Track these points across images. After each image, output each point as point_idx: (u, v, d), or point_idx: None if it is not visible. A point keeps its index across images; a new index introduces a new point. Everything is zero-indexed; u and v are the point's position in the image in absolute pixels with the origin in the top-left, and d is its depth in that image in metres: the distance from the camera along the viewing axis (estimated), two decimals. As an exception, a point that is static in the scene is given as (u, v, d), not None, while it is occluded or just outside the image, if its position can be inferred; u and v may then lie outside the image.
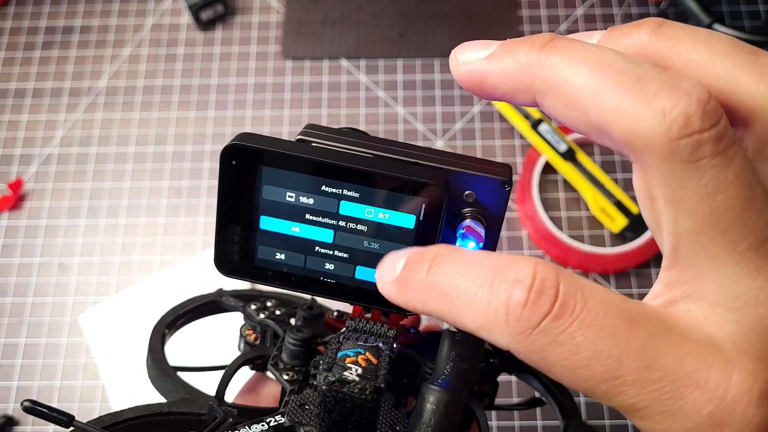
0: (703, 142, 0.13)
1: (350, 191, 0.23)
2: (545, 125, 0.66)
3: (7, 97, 0.74)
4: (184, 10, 0.76)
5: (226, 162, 0.23)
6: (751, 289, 0.14)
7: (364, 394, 0.20)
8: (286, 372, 0.28)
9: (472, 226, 0.24)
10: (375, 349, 0.22)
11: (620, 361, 0.13)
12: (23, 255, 0.67)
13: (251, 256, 0.25)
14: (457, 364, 0.22)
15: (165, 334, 0.33)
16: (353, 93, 0.72)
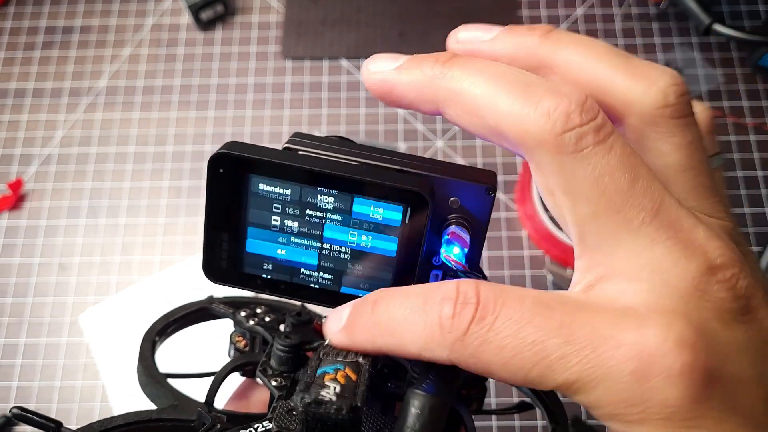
0: (584, 133, 0.15)
1: (334, 215, 0.24)
2: (545, 125, 0.66)
3: (7, 97, 0.74)
4: (184, 10, 0.76)
5: (214, 170, 0.24)
6: (651, 259, 0.15)
7: (340, 414, 0.20)
8: (274, 378, 0.28)
9: (457, 232, 0.25)
10: (354, 365, 0.22)
11: (544, 343, 0.14)
12: (23, 255, 0.67)
13: (239, 263, 0.26)
14: (441, 369, 0.22)
15: (156, 341, 0.33)
16: (353, 93, 0.72)
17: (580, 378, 0.14)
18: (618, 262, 0.15)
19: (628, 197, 0.15)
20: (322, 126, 0.71)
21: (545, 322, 0.15)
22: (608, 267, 0.16)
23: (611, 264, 0.16)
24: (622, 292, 0.15)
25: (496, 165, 0.68)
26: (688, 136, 0.17)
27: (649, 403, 0.14)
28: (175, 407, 0.27)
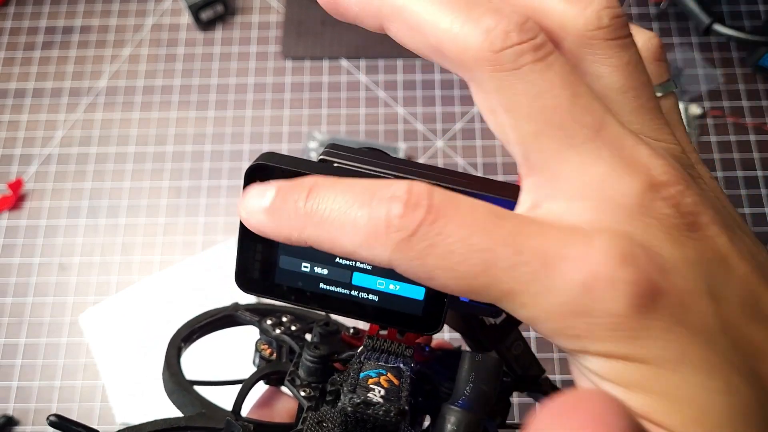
0: (523, 51, 0.15)
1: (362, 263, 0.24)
2: (545, 125, 0.66)
3: (7, 97, 0.74)
4: (184, 10, 0.76)
5: (250, 181, 0.24)
6: (595, 176, 0.15)
7: (388, 416, 0.20)
8: (302, 388, 0.28)
9: None
10: (396, 369, 0.23)
11: (493, 250, 0.14)
12: (23, 255, 0.67)
13: (272, 274, 0.26)
14: (477, 385, 0.23)
15: (181, 347, 0.33)
16: (353, 93, 0.72)
17: (526, 289, 0.14)
18: (562, 181, 0.16)
19: (570, 114, 0.15)
20: (322, 126, 0.71)
21: (497, 230, 0.15)
22: (553, 186, 0.16)
23: (556, 183, 0.16)
24: (568, 210, 0.15)
25: (496, 165, 0.68)
26: (625, 57, 0.17)
27: (594, 313, 0.14)
28: (203, 415, 0.27)
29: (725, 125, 0.69)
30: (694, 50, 0.72)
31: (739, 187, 0.66)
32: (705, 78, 0.70)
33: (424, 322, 0.25)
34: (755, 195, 0.66)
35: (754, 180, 0.66)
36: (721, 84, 0.70)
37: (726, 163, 0.67)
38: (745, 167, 0.67)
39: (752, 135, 0.68)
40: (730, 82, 0.70)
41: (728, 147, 0.68)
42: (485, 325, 0.30)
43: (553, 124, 0.15)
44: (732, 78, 0.70)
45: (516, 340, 0.32)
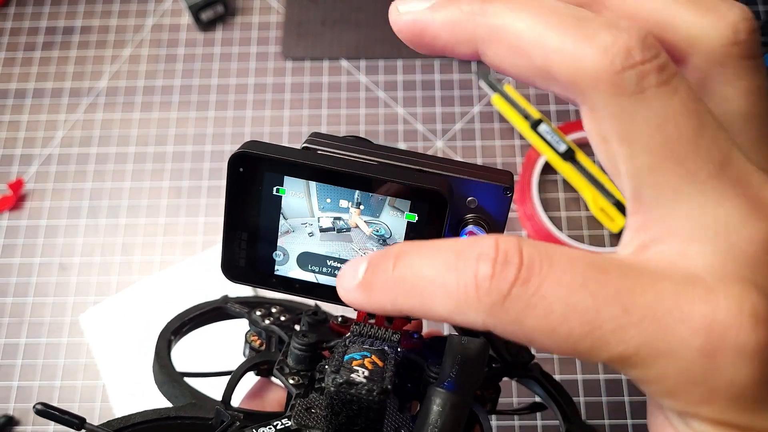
0: (646, 72, 0.13)
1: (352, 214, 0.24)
2: (545, 125, 0.66)
3: (7, 97, 0.74)
4: (185, 11, 0.76)
5: (234, 169, 0.24)
6: (718, 217, 0.13)
7: (371, 395, 0.20)
8: (291, 377, 0.28)
9: (474, 231, 0.25)
10: (381, 352, 0.23)
11: (597, 311, 0.13)
12: (24, 255, 0.67)
13: (258, 262, 0.26)
14: (462, 368, 0.23)
15: (171, 340, 0.33)
16: (353, 93, 0.72)
17: (638, 352, 0.13)
18: (678, 221, 0.14)
19: (694, 147, 0.13)
20: (322, 126, 0.71)
21: (600, 287, 0.13)
22: (666, 227, 0.14)
23: (670, 223, 0.14)
24: (682, 254, 0.14)
25: (496, 165, 0.68)
26: (757, 80, 0.15)
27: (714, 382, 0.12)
28: (193, 405, 0.27)
29: (724, 125, 0.69)
30: (694, 51, 0.72)
31: (739, 187, 0.66)
32: (704, 78, 0.70)
33: None
34: (754, 195, 0.66)
35: (754, 180, 0.66)
36: (721, 84, 0.70)
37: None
38: (745, 167, 0.67)
39: (751, 135, 0.68)
40: (729, 82, 0.70)
41: (727, 147, 0.68)
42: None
43: (674, 158, 0.13)
44: (731, 78, 0.70)
45: None
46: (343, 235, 0.25)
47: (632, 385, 0.59)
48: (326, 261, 0.26)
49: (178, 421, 0.26)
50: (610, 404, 0.59)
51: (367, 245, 0.25)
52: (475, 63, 0.73)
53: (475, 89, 0.72)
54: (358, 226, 0.25)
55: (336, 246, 0.25)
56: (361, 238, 0.25)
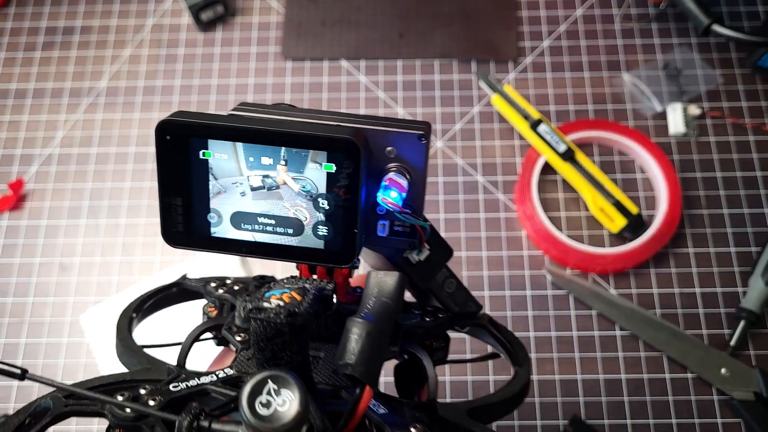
0: None
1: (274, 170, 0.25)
2: (544, 126, 0.66)
3: (7, 97, 0.74)
4: (185, 11, 0.76)
5: (161, 137, 0.25)
6: None
7: (279, 318, 0.21)
8: (238, 334, 0.29)
9: (394, 178, 0.26)
10: (301, 289, 0.24)
11: None
12: (24, 255, 0.67)
13: (194, 226, 0.27)
14: (378, 299, 0.24)
15: (132, 318, 0.35)
16: (353, 93, 0.72)
17: None
18: None
19: None
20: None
21: None
22: None
23: None
24: None
25: (495, 165, 0.68)
26: None
27: None
28: (147, 370, 0.28)
29: (724, 125, 0.69)
30: (693, 51, 0.72)
31: (738, 187, 0.66)
32: (704, 78, 0.71)
33: (340, 255, 0.27)
34: (754, 195, 0.66)
35: (753, 180, 0.67)
36: (720, 84, 0.70)
37: (725, 163, 0.67)
38: (744, 168, 0.67)
39: (751, 135, 0.68)
40: (729, 82, 0.70)
41: (727, 147, 0.68)
42: (411, 263, 0.30)
43: None
44: (731, 78, 0.71)
45: (447, 278, 0.33)
46: (273, 193, 0.26)
47: (632, 385, 0.60)
48: (257, 218, 0.27)
49: (133, 383, 0.26)
50: (610, 404, 0.59)
51: (296, 201, 0.26)
52: (475, 63, 0.73)
53: (475, 89, 0.72)
54: (286, 183, 0.26)
55: (267, 204, 0.26)
56: (290, 194, 0.26)
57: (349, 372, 0.21)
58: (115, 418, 0.24)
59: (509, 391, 0.30)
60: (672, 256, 0.64)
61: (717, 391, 0.59)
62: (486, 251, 0.65)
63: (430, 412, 0.26)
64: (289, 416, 0.19)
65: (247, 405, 0.19)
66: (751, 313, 0.60)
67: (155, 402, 0.24)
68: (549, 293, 0.63)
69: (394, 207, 0.26)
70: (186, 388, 0.25)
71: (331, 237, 0.26)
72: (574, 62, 0.73)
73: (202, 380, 0.26)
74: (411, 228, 0.28)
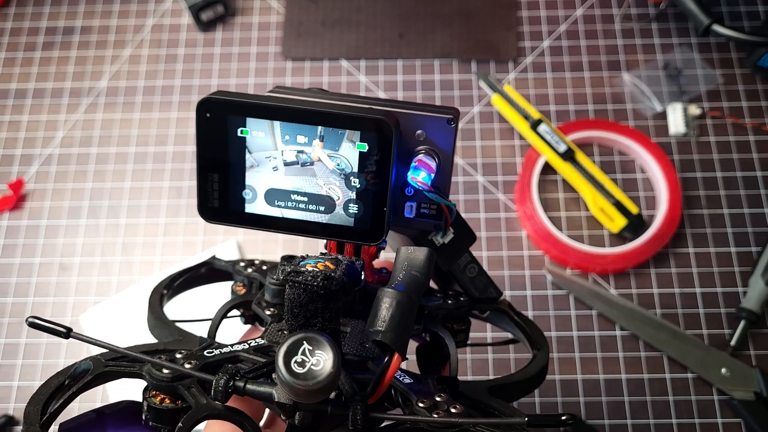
0: None
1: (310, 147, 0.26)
2: (544, 125, 0.66)
3: (7, 97, 0.74)
4: (185, 11, 0.76)
5: (201, 114, 0.26)
6: None
7: (316, 280, 0.22)
8: (268, 308, 0.31)
9: (423, 159, 0.27)
10: (334, 259, 0.25)
11: None
12: (24, 255, 0.67)
13: (229, 202, 0.28)
14: (408, 272, 0.24)
15: (163, 294, 0.36)
16: (353, 93, 0.72)
17: None
18: None
19: None
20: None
21: None
22: None
23: None
24: None
25: (496, 165, 0.68)
26: None
27: None
28: (179, 341, 0.30)
29: (724, 125, 0.69)
30: (693, 51, 0.72)
31: (738, 187, 0.66)
32: (704, 78, 0.71)
33: (369, 233, 0.27)
34: (754, 195, 0.66)
35: (753, 180, 0.67)
36: (720, 84, 0.70)
37: (725, 163, 0.67)
38: (744, 167, 0.67)
39: (751, 135, 0.68)
40: (729, 82, 0.70)
41: (727, 147, 0.68)
42: (435, 246, 0.31)
43: None
44: (731, 78, 0.71)
45: (470, 263, 0.34)
46: (306, 169, 0.27)
47: (632, 384, 0.60)
48: (290, 196, 0.27)
49: (166, 352, 0.27)
50: (610, 404, 0.59)
51: (330, 179, 0.27)
52: (475, 63, 0.73)
53: (475, 89, 0.72)
54: (320, 160, 0.26)
55: (300, 181, 0.27)
56: (324, 172, 0.27)
57: (380, 338, 0.22)
58: (153, 379, 0.24)
59: (528, 372, 0.31)
60: (672, 256, 0.64)
61: (717, 391, 0.59)
62: (486, 251, 0.65)
63: (453, 385, 0.27)
64: (323, 375, 0.20)
65: (283, 363, 0.20)
66: (751, 313, 0.60)
67: (191, 365, 0.25)
68: (549, 293, 0.63)
69: (424, 186, 0.27)
70: (220, 354, 0.26)
71: (361, 215, 0.27)
72: (574, 62, 0.73)
73: (234, 348, 0.26)
74: (437, 210, 0.29)
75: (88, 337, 0.24)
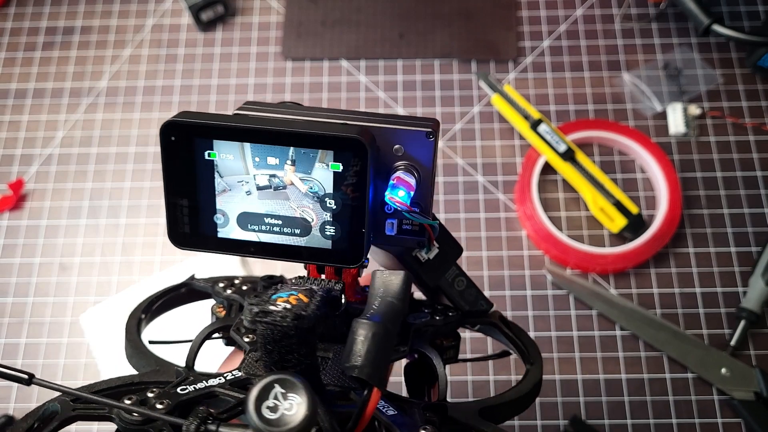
0: None
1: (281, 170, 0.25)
2: (545, 125, 0.66)
3: (8, 97, 0.74)
4: (185, 11, 0.76)
5: (166, 138, 0.25)
6: None
7: (285, 320, 0.21)
8: (246, 335, 0.29)
9: (402, 176, 0.26)
10: (308, 291, 0.24)
11: None
12: (24, 255, 0.67)
13: (200, 227, 0.27)
14: (384, 299, 0.23)
15: (141, 319, 0.35)
16: (353, 93, 0.72)
17: None
18: None
19: None
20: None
21: None
22: None
23: None
24: None
25: (495, 165, 0.68)
26: None
27: None
28: (157, 371, 0.28)
29: (724, 125, 0.69)
30: (694, 51, 0.72)
31: (738, 187, 0.66)
32: (704, 78, 0.71)
33: (348, 255, 0.26)
34: (754, 195, 0.66)
35: (753, 180, 0.67)
36: (720, 84, 0.70)
37: (725, 163, 0.67)
38: (744, 167, 0.67)
39: (751, 135, 0.68)
40: (729, 82, 0.70)
41: (727, 147, 0.68)
42: (420, 262, 0.30)
43: None
44: (731, 78, 0.71)
45: (457, 276, 0.33)
46: (279, 193, 0.26)
47: (632, 384, 0.60)
48: (264, 219, 0.26)
49: (142, 386, 0.26)
50: (610, 404, 0.59)
51: (303, 202, 0.26)
52: (475, 63, 0.73)
53: (475, 89, 0.72)
54: (293, 184, 0.25)
55: (274, 204, 0.26)
56: (297, 195, 0.26)
57: (356, 374, 0.21)
58: (122, 422, 0.23)
59: (521, 389, 0.30)
60: (672, 256, 0.64)
61: (717, 391, 0.59)
62: (486, 251, 0.65)
63: (441, 412, 0.26)
64: (296, 421, 0.19)
65: (254, 409, 0.19)
66: (751, 312, 0.60)
67: (163, 405, 0.24)
68: (549, 293, 0.63)
69: (402, 206, 0.25)
70: (194, 390, 0.25)
71: (338, 237, 0.26)
72: (574, 62, 0.73)
73: (210, 383, 0.25)
74: (420, 226, 0.28)
75: (49, 383, 0.23)
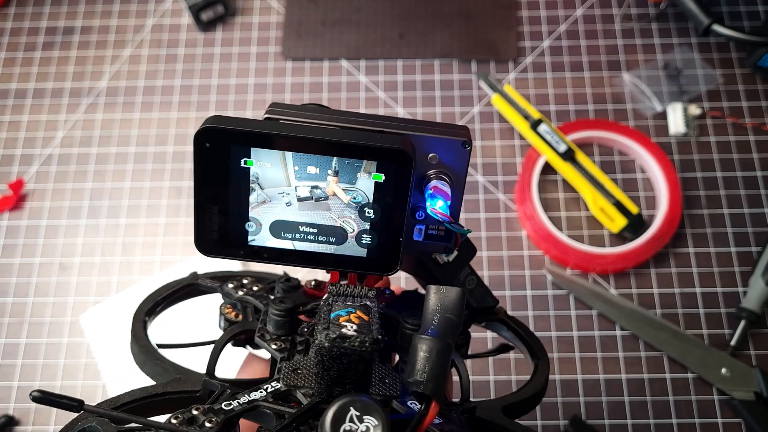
0: None
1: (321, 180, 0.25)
2: (545, 125, 0.66)
3: (8, 97, 0.74)
4: (185, 11, 0.76)
5: (200, 144, 0.24)
6: None
7: (364, 346, 0.21)
8: (273, 342, 0.29)
9: (438, 186, 0.26)
10: (364, 307, 0.24)
11: None
12: (24, 255, 0.67)
13: (230, 235, 0.26)
14: (443, 315, 0.24)
15: (146, 321, 0.34)
16: (353, 93, 0.72)
17: None
18: None
19: None
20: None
21: None
22: None
23: None
24: None
25: (496, 165, 0.68)
26: None
27: None
28: (179, 380, 0.27)
29: (724, 125, 0.69)
30: (694, 51, 0.72)
31: (739, 187, 0.66)
32: (704, 78, 0.71)
33: (382, 263, 0.26)
34: (754, 195, 0.66)
35: (753, 180, 0.67)
36: (720, 84, 0.70)
37: (725, 163, 0.67)
38: (744, 167, 0.67)
39: (751, 135, 0.68)
40: (729, 82, 0.70)
41: (727, 147, 0.68)
42: (439, 264, 0.31)
43: None
44: (731, 78, 0.71)
45: (469, 275, 0.33)
46: (321, 204, 0.25)
47: (632, 384, 0.60)
48: (299, 227, 0.26)
49: (166, 396, 0.26)
50: (610, 404, 0.59)
51: (345, 212, 0.25)
52: (475, 63, 0.73)
53: (475, 89, 0.72)
54: (335, 194, 0.25)
55: (314, 215, 0.26)
56: (339, 206, 0.25)
57: (420, 390, 0.21)
58: None
59: (536, 385, 0.30)
60: (672, 256, 0.64)
61: (717, 391, 0.59)
62: (486, 251, 0.65)
63: (471, 413, 0.26)
64: None
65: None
66: (751, 312, 0.60)
67: (212, 424, 0.23)
68: (549, 293, 0.63)
69: (445, 218, 0.25)
70: (239, 405, 0.24)
71: (374, 245, 0.26)
72: (574, 62, 0.73)
73: (252, 396, 0.25)
74: (446, 231, 0.28)
75: (100, 410, 0.22)
